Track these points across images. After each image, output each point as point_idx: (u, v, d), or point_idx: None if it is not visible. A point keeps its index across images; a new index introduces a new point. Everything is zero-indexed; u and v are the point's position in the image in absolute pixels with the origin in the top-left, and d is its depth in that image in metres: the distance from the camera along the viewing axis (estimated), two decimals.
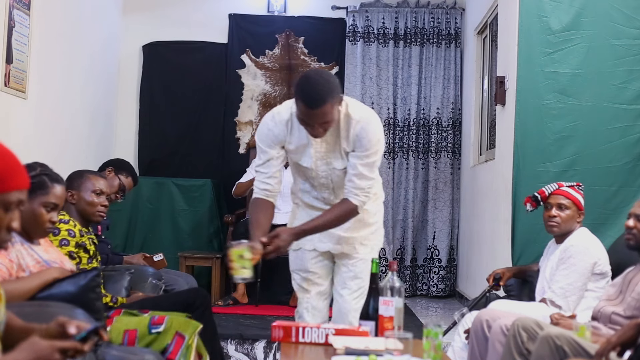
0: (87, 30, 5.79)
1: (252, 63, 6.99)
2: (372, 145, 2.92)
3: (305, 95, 2.71)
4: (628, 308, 2.80)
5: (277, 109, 2.98)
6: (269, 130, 2.94)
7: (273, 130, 2.93)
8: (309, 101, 2.70)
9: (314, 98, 2.70)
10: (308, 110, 2.71)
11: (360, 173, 2.92)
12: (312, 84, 2.73)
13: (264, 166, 2.97)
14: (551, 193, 3.48)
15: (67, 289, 2.50)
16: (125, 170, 4.60)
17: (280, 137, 2.93)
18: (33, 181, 2.55)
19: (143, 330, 2.84)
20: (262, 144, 2.95)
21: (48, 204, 2.59)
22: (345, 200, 2.94)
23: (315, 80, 2.76)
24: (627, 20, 4.10)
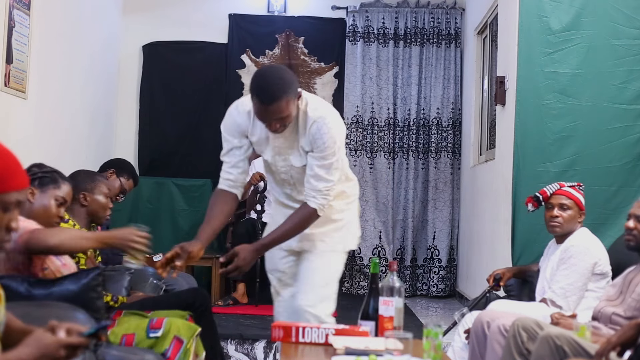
0: (87, 30, 5.79)
1: (252, 63, 6.99)
2: (327, 147, 2.82)
3: (259, 90, 2.68)
4: (628, 309, 2.80)
5: (242, 100, 2.95)
6: (232, 119, 2.92)
7: (236, 119, 2.91)
8: (263, 97, 2.67)
9: (267, 94, 2.66)
10: (262, 106, 2.68)
11: (317, 174, 2.85)
12: (266, 79, 2.70)
13: (227, 155, 2.94)
14: (553, 193, 3.48)
15: (68, 287, 2.51)
16: (127, 172, 4.60)
17: (242, 127, 2.90)
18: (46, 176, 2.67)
19: (141, 334, 2.84)
20: (226, 133, 2.93)
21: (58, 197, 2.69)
22: (304, 205, 2.89)
23: (269, 76, 2.72)
24: (627, 20, 4.10)
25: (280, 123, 2.72)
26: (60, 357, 1.55)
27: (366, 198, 6.87)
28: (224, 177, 2.94)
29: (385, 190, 6.89)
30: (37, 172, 2.72)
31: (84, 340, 1.59)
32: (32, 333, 1.57)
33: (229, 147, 2.93)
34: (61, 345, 1.55)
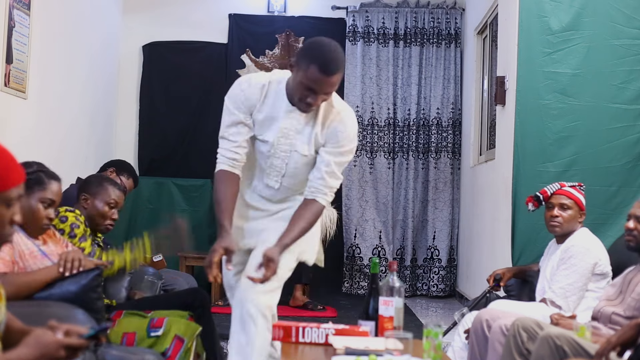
0: (87, 30, 5.79)
1: (252, 63, 6.99)
2: (349, 142, 2.71)
3: (324, 59, 2.49)
4: (628, 308, 2.80)
5: (254, 74, 2.78)
6: (241, 91, 2.68)
7: (246, 92, 2.68)
8: (326, 65, 2.48)
9: (333, 63, 2.49)
10: (322, 76, 2.49)
11: (333, 171, 2.70)
12: (331, 48, 2.53)
13: (232, 132, 2.68)
14: (553, 193, 3.48)
15: (68, 288, 2.51)
16: (127, 171, 4.60)
17: (252, 101, 2.68)
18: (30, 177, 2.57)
19: (142, 333, 2.83)
20: (232, 105, 2.68)
21: (45, 199, 2.61)
22: (312, 202, 2.71)
23: (333, 45, 2.55)
24: (627, 20, 4.10)
25: (324, 98, 2.59)
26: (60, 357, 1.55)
27: (366, 198, 6.87)
28: (228, 157, 2.68)
29: (385, 190, 6.90)
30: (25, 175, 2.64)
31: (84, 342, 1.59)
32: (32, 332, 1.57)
33: (233, 120, 2.68)
34: (61, 346, 1.55)
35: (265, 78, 2.69)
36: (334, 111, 2.70)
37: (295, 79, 2.57)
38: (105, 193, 3.22)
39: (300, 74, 2.54)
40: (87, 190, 3.20)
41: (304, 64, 2.52)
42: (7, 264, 2.48)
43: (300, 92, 2.56)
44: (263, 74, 2.74)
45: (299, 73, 2.54)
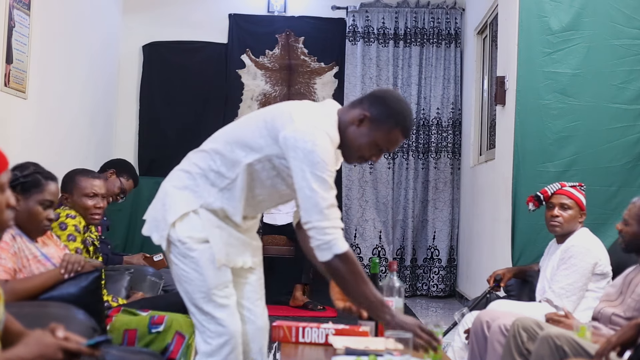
0: (87, 30, 5.79)
1: (252, 63, 6.99)
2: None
3: (409, 124, 2.36)
4: (628, 309, 2.80)
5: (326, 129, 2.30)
6: (331, 153, 2.28)
7: (333, 152, 2.31)
8: (408, 130, 2.37)
9: (411, 127, 2.40)
10: (402, 139, 2.37)
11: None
12: (410, 110, 2.41)
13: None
14: (554, 193, 3.48)
15: (68, 290, 2.51)
16: (127, 172, 4.60)
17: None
18: (27, 180, 2.59)
19: (143, 330, 2.84)
20: (332, 168, 2.26)
21: (44, 201, 2.62)
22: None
23: (408, 105, 2.44)
24: (627, 20, 4.10)
25: None
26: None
27: (366, 198, 6.87)
28: (343, 227, 2.28)
29: (385, 190, 6.90)
30: (18, 177, 2.61)
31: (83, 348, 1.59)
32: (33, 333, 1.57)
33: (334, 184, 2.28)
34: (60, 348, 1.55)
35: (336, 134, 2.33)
36: None
37: (366, 137, 2.33)
38: (80, 186, 3.25)
39: (379, 134, 2.32)
40: (64, 189, 3.23)
41: (387, 125, 2.32)
42: (9, 271, 2.49)
43: (369, 151, 2.36)
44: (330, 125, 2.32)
45: (377, 133, 2.32)
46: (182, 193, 2.41)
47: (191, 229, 2.34)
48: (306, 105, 2.41)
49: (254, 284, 2.52)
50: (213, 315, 2.33)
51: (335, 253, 2.19)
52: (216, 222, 2.37)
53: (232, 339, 2.33)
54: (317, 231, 2.21)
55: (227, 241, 2.38)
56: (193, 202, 2.37)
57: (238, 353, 2.35)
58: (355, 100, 2.42)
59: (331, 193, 2.22)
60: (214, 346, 2.32)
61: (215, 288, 2.33)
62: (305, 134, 2.23)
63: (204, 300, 2.33)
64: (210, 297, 2.33)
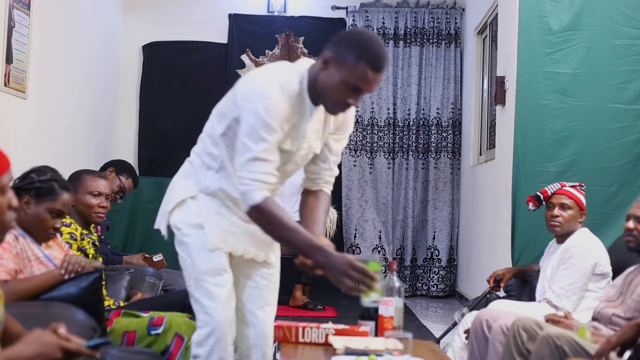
0: (87, 30, 5.79)
1: (252, 63, 6.99)
2: (352, 127, 2.50)
3: (375, 55, 2.17)
4: (628, 310, 2.80)
5: (281, 78, 2.24)
6: (281, 103, 2.20)
7: (285, 104, 2.21)
8: (377, 63, 2.17)
9: (383, 60, 2.19)
10: (373, 74, 2.17)
11: (339, 159, 2.49)
12: (379, 43, 2.22)
13: (272, 151, 2.20)
14: (554, 193, 3.48)
15: (68, 290, 2.52)
16: (127, 171, 4.60)
17: (287, 114, 2.23)
18: (42, 186, 2.60)
19: (142, 331, 2.84)
20: (274, 121, 2.17)
21: (54, 210, 2.64)
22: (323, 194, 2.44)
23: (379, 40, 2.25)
24: (627, 20, 4.10)
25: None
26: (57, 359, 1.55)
27: (366, 198, 6.87)
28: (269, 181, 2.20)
29: (385, 190, 6.90)
30: (34, 181, 2.64)
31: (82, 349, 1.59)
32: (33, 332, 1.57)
33: (276, 139, 2.19)
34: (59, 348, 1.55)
35: (297, 83, 2.26)
36: None
37: (334, 77, 2.19)
38: (85, 184, 3.27)
39: (344, 71, 2.18)
40: None
41: (350, 60, 2.17)
42: (10, 271, 2.50)
43: (342, 93, 2.21)
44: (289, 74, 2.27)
45: (342, 71, 2.18)
46: (182, 182, 2.41)
47: (186, 214, 2.33)
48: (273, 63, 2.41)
49: (263, 288, 2.46)
50: (202, 304, 2.30)
51: (249, 204, 2.16)
52: (216, 208, 2.33)
53: (218, 329, 2.28)
54: (237, 180, 2.19)
55: (226, 228, 2.34)
56: (191, 189, 2.36)
57: (225, 344, 2.30)
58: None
59: (261, 145, 2.16)
60: (202, 335, 2.30)
61: (205, 274, 2.29)
62: (250, 84, 2.22)
63: (195, 286, 2.30)
64: (200, 283, 2.29)
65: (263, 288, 2.46)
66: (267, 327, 2.45)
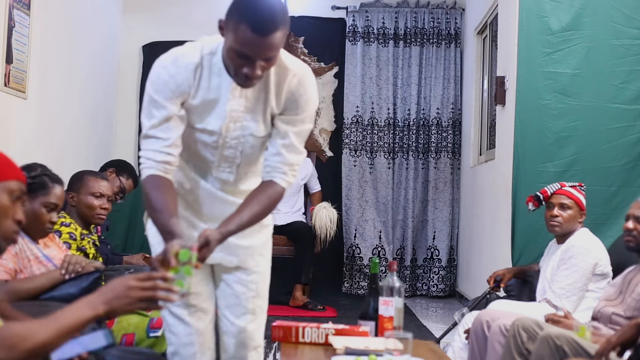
0: (87, 30, 5.80)
1: None
2: (309, 107, 2.19)
3: (255, 15, 1.96)
4: (628, 309, 2.80)
5: (179, 50, 2.17)
6: (170, 77, 2.09)
7: (176, 77, 2.09)
8: (260, 24, 1.95)
9: (266, 20, 1.97)
10: (256, 37, 1.95)
11: (292, 144, 2.18)
12: (263, 3, 2.01)
13: (162, 128, 2.09)
14: (553, 193, 3.48)
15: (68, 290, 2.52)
16: (127, 171, 4.61)
17: (183, 87, 2.10)
18: (34, 181, 2.59)
19: (141, 334, 2.84)
20: (159, 96, 2.08)
21: (49, 204, 2.62)
22: (269, 183, 2.18)
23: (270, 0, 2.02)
24: (627, 20, 4.10)
25: (264, 68, 2.03)
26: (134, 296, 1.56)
27: (366, 198, 6.87)
28: (159, 159, 2.09)
29: (385, 190, 6.90)
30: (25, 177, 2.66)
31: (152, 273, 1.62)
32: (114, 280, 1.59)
33: (165, 115, 2.09)
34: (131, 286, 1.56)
35: (196, 54, 2.12)
36: (289, 73, 2.15)
37: (225, 46, 2.03)
38: (87, 185, 3.27)
39: (230, 38, 1.99)
40: (71, 188, 3.25)
41: (232, 23, 1.97)
42: (10, 271, 2.50)
43: (233, 62, 2.02)
44: (189, 47, 2.17)
45: (228, 37, 2.00)
46: None
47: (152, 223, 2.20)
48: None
49: (241, 296, 2.30)
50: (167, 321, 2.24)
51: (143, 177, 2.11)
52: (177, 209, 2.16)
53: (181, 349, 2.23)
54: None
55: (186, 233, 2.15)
56: None
57: None
58: None
59: (151, 121, 2.10)
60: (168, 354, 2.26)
61: None
62: (156, 61, 2.18)
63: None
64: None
65: (240, 296, 2.30)
66: (247, 337, 2.31)
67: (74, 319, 1.49)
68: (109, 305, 1.53)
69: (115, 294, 1.54)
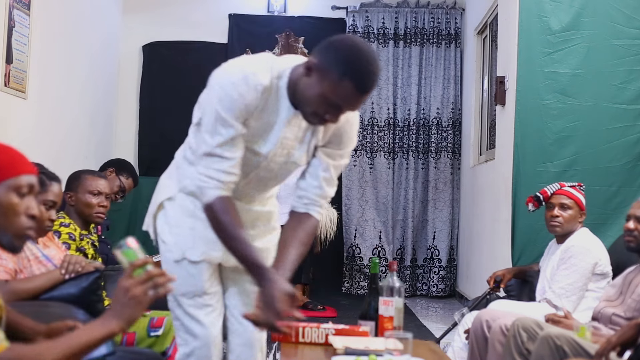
0: (87, 30, 5.79)
1: None
2: (350, 145, 2.21)
3: (363, 74, 1.95)
4: (628, 309, 2.80)
5: (250, 67, 2.03)
6: (240, 96, 1.99)
7: (245, 96, 2.00)
8: (364, 84, 1.95)
9: (371, 79, 1.97)
10: (357, 95, 1.95)
11: (331, 177, 2.19)
12: (370, 58, 1.98)
13: (227, 147, 2.02)
14: (553, 193, 3.48)
15: (68, 290, 2.52)
16: (127, 171, 4.60)
17: (250, 108, 2.02)
18: None
19: (142, 333, 2.84)
20: (228, 114, 1.99)
21: (47, 201, 2.62)
22: (307, 217, 2.19)
23: (371, 53, 2.01)
24: (627, 20, 4.10)
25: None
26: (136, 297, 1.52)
27: (366, 198, 6.87)
28: (224, 180, 2.03)
29: (385, 190, 6.90)
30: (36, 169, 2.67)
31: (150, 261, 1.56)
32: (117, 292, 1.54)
33: (231, 134, 2.01)
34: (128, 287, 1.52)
35: (266, 76, 2.03)
36: None
37: (314, 88, 1.98)
38: (85, 184, 3.26)
39: (326, 85, 1.95)
40: (69, 188, 3.25)
41: (334, 73, 1.94)
42: (10, 271, 2.50)
43: (319, 106, 1.99)
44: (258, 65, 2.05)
45: (324, 83, 1.95)
46: (165, 182, 2.27)
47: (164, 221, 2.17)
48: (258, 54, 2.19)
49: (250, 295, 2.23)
50: (182, 321, 2.15)
51: (204, 202, 2.02)
52: (191, 210, 2.14)
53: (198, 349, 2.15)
54: (196, 175, 2.05)
55: (202, 234, 2.12)
56: (171, 189, 2.20)
57: None
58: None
59: (216, 139, 1.99)
60: (181, 355, 2.17)
61: (182, 296, 2.12)
62: (218, 73, 2.05)
63: (173, 303, 2.15)
64: (179, 302, 2.14)
65: (250, 295, 2.24)
66: (253, 337, 2.29)
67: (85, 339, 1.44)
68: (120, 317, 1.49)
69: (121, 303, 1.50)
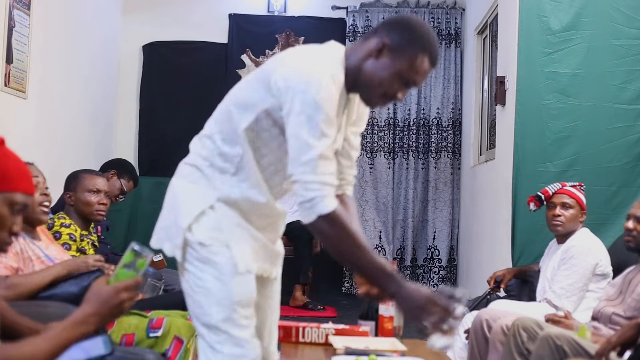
0: (87, 30, 5.79)
1: (252, 63, 6.99)
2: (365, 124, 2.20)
3: (433, 49, 1.97)
4: (628, 309, 2.80)
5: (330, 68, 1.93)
6: (334, 92, 1.90)
7: (335, 93, 1.90)
8: (436, 57, 1.99)
9: (437, 53, 2.01)
10: (429, 68, 1.99)
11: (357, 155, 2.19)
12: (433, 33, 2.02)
13: (332, 149, 1.91)
14: (555, 192, 3.48)
15: (69, 289, 2.52)
16: (128, 173, 4.61)
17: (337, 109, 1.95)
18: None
19: (141, 334, 2.84)
20: (333, 111, 1.88)
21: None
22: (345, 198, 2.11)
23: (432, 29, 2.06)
24: (627, 20, 4.10)
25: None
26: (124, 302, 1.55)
27: (366, 198, 6.87)
28: (336, 184, 1.91)
29: (385, 190, 6.90)
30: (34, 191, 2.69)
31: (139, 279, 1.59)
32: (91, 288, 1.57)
33: (334, 133, 1.91)
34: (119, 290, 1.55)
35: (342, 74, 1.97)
36: None
37: (388, 68, 1.96)
38: (83, 183, 3.28)
39: (403, 62, 1.94)
40: (67, 188, 3.26)
41: (411, 51, 1.94)
42: (11, 269, 2.50)
43: (391, 86, 1.97)
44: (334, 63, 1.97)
45: (400, 61, 1.95)
46: (193, 190, 2.00)
47: (212, 228, 1.93)
48: (304, 47, 2.09)
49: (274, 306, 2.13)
50: (231, 334, 1.89)
51: (319, 213, 1.81)
52: (236, 219, 1.97)
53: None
54: (300, 185, 1.83)
55: (251, 244, 1.99)
56: (209, 197, 1.97)
57: None
58: (367, 33, 2.06)
59: (323, 142, 1.83)
60: None
61: (238, 304, 1.90)
62: (297, 72, 1.88)
63: (221, 316, 1.89)
64: (230, 314, 1.89)
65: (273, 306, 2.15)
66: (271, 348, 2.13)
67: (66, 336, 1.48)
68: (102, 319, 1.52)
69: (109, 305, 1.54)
